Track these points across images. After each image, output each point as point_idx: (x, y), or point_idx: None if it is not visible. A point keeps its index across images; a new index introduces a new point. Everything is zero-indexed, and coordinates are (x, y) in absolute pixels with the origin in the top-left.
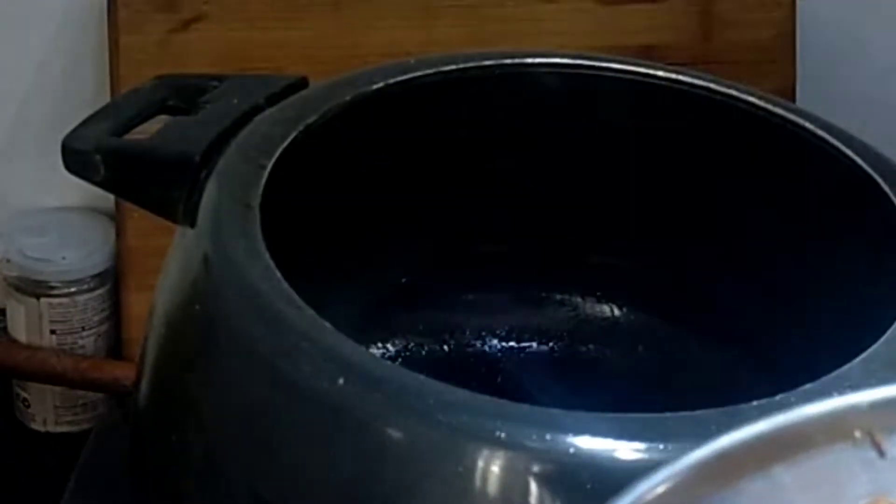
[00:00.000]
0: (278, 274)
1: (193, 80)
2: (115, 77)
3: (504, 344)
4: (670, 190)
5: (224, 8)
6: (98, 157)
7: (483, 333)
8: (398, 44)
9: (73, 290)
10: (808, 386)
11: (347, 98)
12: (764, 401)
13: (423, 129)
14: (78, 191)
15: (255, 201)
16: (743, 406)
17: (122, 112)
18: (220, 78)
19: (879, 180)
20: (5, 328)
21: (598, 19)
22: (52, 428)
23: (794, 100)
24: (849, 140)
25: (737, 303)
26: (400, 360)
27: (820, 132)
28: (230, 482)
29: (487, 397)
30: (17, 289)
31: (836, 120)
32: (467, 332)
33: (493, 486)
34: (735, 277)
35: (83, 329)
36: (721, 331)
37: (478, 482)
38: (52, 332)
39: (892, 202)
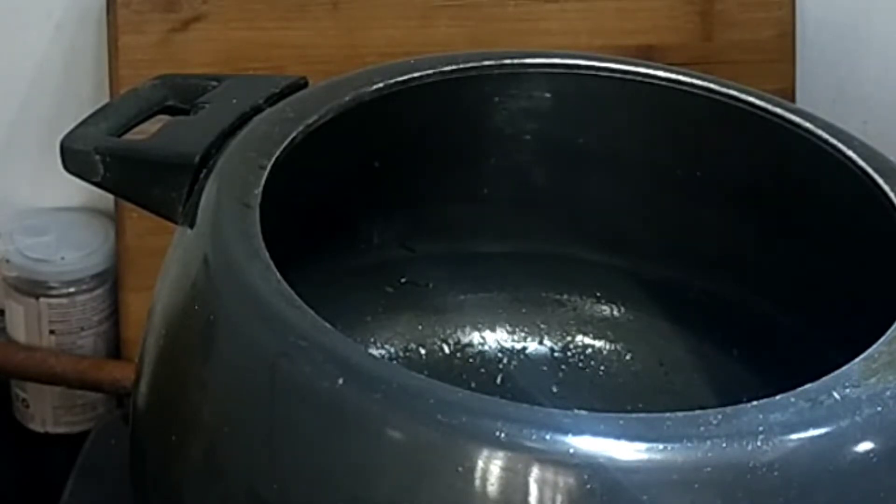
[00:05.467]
0: (278, 274)
1: (193, 80)
2: (114, 77)
3: (504, 344)
4: (669, 189)
5: (224, 8)
6: (97, 158)
7: (483, 333)
8: (397, 44)
9: (72, 290)
10: (808, 386)
11: (347, 98)
12: (764, 401)
13: (423, 129)
14: (77, 191)
15: (255, 201)
16: (743, 406)
17: (121, 112)
18: (219, 78)
19: (879, 180)
20: (4, 328)
21: (598, 19)
22: (51, 428)
23: (794, 100)
24: (849, 140)
25: (736, 303)
26: (400, 360)
27: (820, 132)
28: (230, 482)
29: (487, 397)
30: (17, 289)
31: (836, 120)
32: (467, 332)
33: (493, 486)
34: (734, 277)
35: (82, 329)
36: (721, 331)
37: (478, 482)
38: (52, 332)
39: (892, 202)
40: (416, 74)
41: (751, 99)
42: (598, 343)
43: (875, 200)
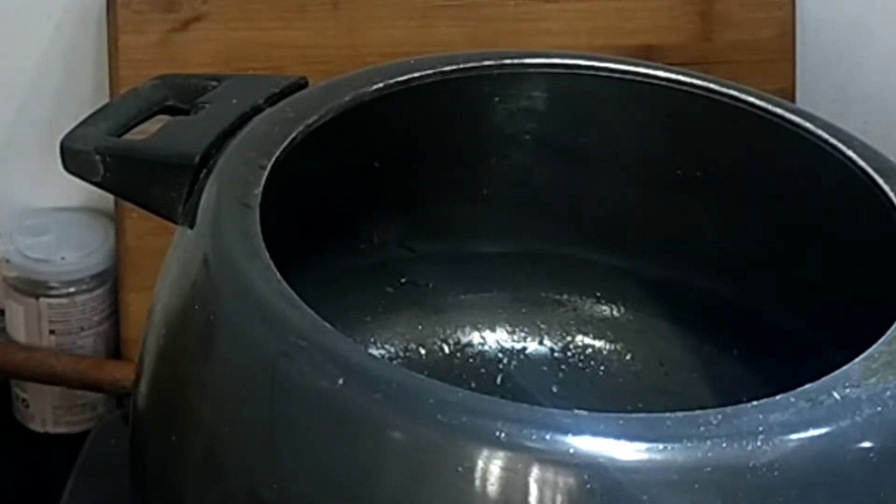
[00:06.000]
0: (278, 274)
1: (193, 80)
2: (114, 77)
3: (504, 344)
4: (670, 190)
5: (224, 8)
6: (97, 158)
7: (483, 333)
8: (397, 44)
9: (72, 290)
10: (808, 386)
11: (347, 98)
12: (764, 401)
13: (423, 129)
14: (77, 191)
15: (255, 201)
16: (743, 406)
17: (121, 112)
18: (219, 78)
19: (880, 180)
20: (4, 328)
21: (598, 19)
22: (51, 428)
23: (794, 100)
24: (849, 140)
25: (736, 302)
26: (400, 360)
27: (820, 132)
28: (230, 482)
29: (487, 397)
30: (17, 289)
31: (836, 120)
32: (467, 332)
33: (493, 486)
34: (734, 277)
35: (82, 329)
36: (721, 331)
37: (478, 482)
38: (52, 332)
39: (892, 202)
40: (416, 74)
41: (751, 99)
42: (598, 343)
43: (875, 200)
